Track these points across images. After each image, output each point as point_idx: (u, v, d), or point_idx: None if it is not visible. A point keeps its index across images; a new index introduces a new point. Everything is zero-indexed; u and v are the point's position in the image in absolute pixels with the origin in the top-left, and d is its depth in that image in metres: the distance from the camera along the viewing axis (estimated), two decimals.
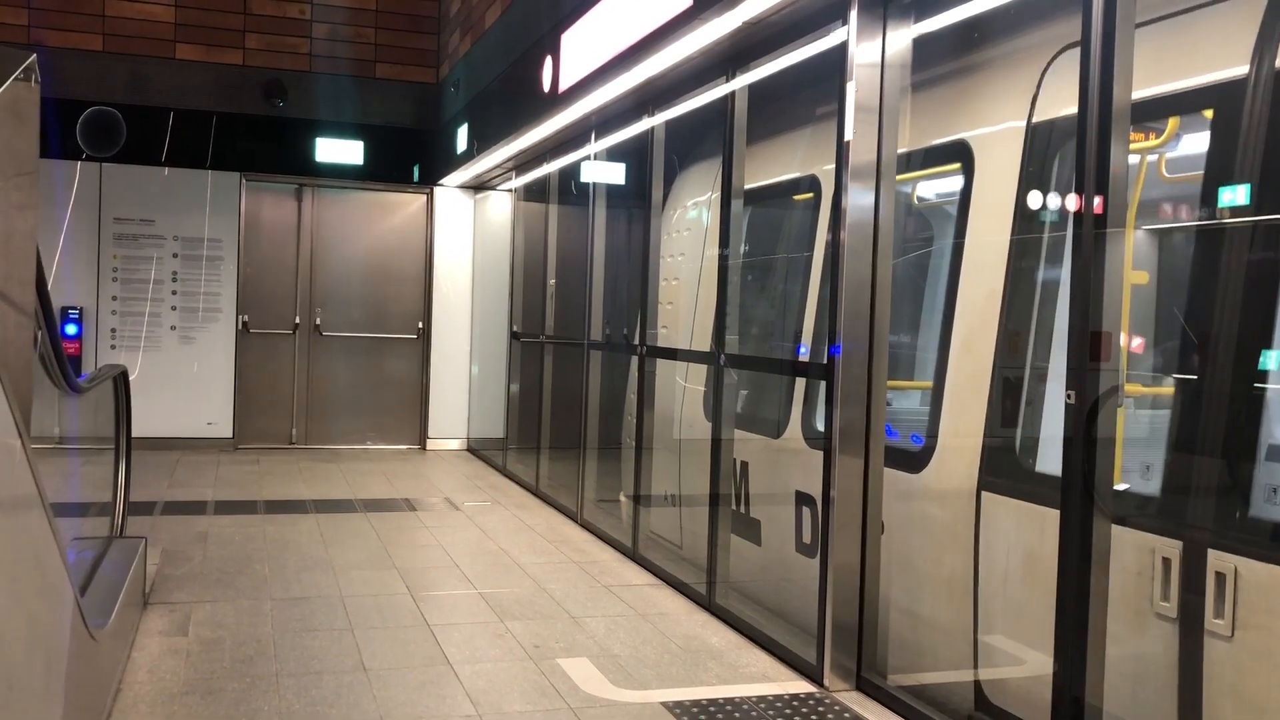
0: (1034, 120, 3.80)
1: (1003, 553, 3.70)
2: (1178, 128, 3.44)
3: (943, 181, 4.64)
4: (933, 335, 4.33)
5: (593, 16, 6.08)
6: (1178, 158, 3.48)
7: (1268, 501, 2.91)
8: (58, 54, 9.70)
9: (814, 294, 5.19)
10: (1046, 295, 3.74)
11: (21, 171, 2.41)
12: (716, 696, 4.01)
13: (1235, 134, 3.05)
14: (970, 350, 3.98)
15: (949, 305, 4.12)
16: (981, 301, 3.95)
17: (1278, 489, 2.91)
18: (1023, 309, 3.81)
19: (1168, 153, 3.50)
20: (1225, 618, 2.85)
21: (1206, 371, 3.11)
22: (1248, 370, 2.94)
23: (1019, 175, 3.83)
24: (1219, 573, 2.87)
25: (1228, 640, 2.85)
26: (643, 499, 6.29)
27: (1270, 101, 2.95)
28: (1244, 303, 2.97)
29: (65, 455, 6.38)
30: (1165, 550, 3.03)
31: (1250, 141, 2.99)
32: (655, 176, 6.26)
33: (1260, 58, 2.97)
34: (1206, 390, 3.10)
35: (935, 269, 4.62)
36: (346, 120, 10.64)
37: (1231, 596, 2.83)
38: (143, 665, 4.16)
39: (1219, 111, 3.17)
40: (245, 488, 8.30)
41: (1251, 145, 2.98)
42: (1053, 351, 3.68)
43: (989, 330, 3.87)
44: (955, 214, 4.22)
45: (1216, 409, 3.06)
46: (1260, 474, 2.93)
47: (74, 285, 9.85)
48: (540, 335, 8.50)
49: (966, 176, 4.15)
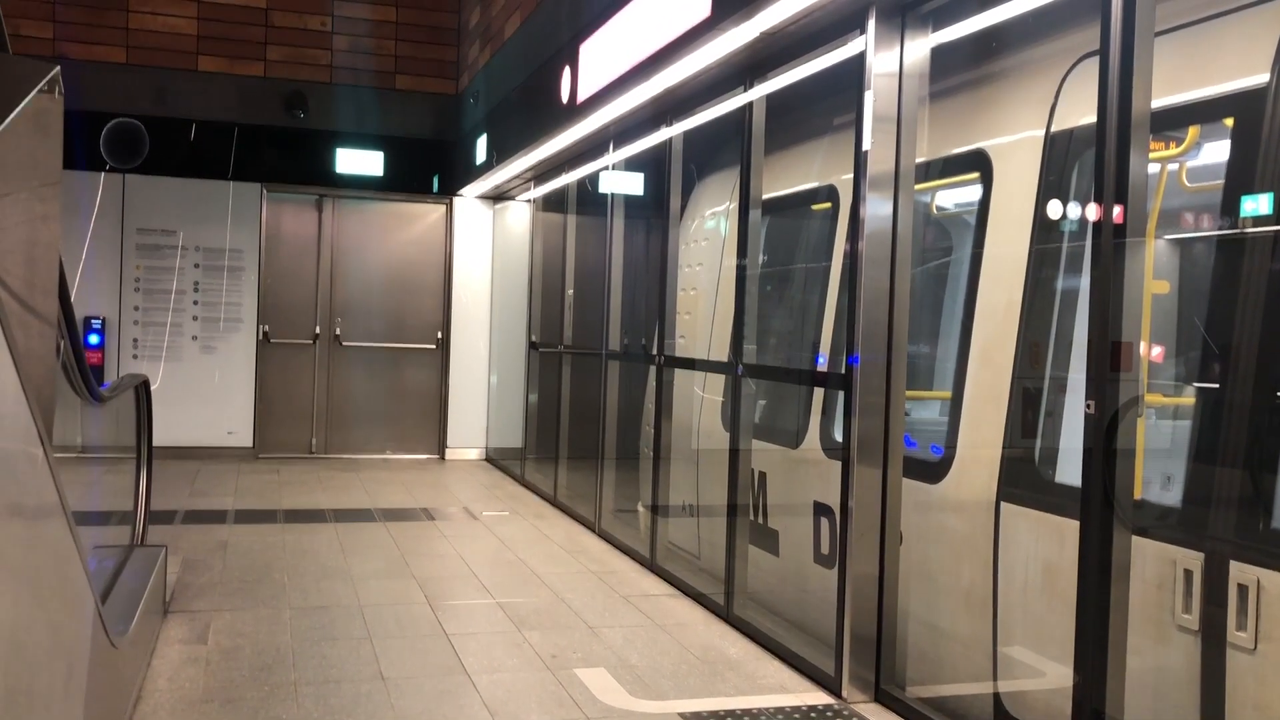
0: (1052, 130, 3.79)
1: (1021, 564, 3.67)
2: (1198, 136, 3.42)
3: (961, 191, 4.62)
4: (951, 345, 4.31)
5: (611, 27, 6.10)
6: (1199, 167, 3.46)
7: None
8: (82, 66, 9.80)
9: (831, 304, 5.18)
10: (1066, 305, 3.72)
11: (45, 183, 2.44)
12: (734, 707, 4.00)
13: (1256, 143, 3.03)
14: (989, 360, 3.96)
15: (968, 315, 4.10)
16: (1000, 311, 3.93)
17: None
18: (1042, 319, 3.79)
19: (1189, 161, 3.48)
20: (1248, 630, 2.82)
21: (1227, 381, 3.08)
22: (1268, 380, 2.92)
23: (1037, 185, 3.81)
24: (1241, 585, 2.84)
25: (1250, 653, 2.83)
26: (661, 509, 6.28)
27: None
28: (1265, 312, 2.95)
29: (87, 464, 6.43)
30: (1187, 562, 3.00)
31: (1272, 150, 2.97)
32: (673, 186, 6.27)
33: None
34: (1227, 400, 3.07)
35: (954, 279, 4.61)
36: (367, 131, 10.71)
37: (1254, 609, 2.81)
38: (163, 673, 4.18)
39: (1239, 120, 3.15)
40: (265, 497, 8.34)
41: (1273, 154, 2.96)
42: (1071, 361, 3.66)
43: (1008, 340, 3.86)
44: (974, 224, 4.21)
45: (1238, 419, 3.03)
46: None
47: (97, 295, 9.93)
48: (559, 345, 8.52)
49: (985, 186, 4.14)
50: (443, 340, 10.90)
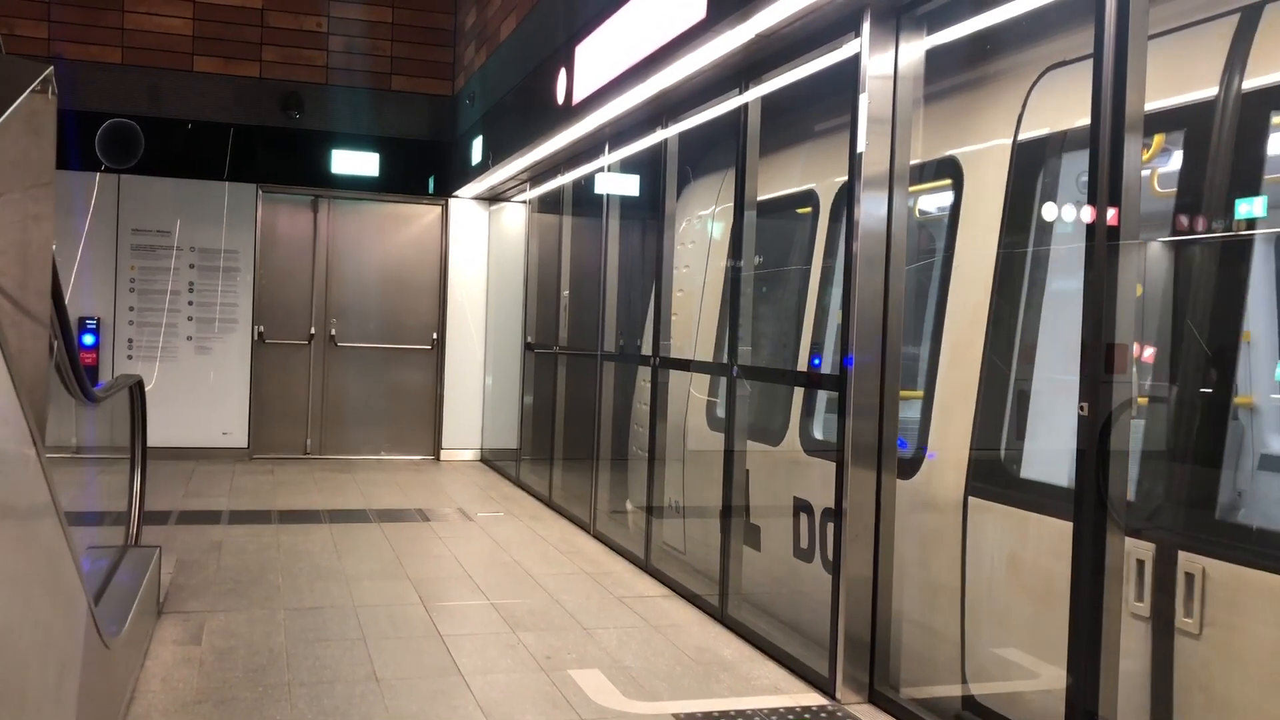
0: (1019, 138, 3.84)
1: (988, 556, 3.73)
2: (1163, 144, 3.46)
3: (939, 195, 4.66)
4: (926, 346, 4.37)
5: (606, 29, 6.10)
6: (1169, 173, 3.49)
7: (1234, 506, 3.01)
8: (77, 67, 9.79)
9: (812, 306, 5.25)
10: (1033, 307, 3.77)
11: (39, 183, 2.43)
12: (728, 708, 4.00)
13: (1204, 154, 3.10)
14: (960, 360, 4.00)
15: (939, 317, 4.16)
16: (970, 313, 3.98)
17: (1242, 493, 3.03)
18: (1009, 321, 3.83)
19: (1159, 168, 3.51)
20: (1194, 616, 2.90)
21: (1178, 381, 3.18)
22: (1217, 381, 3.03)
23: (1005, 190, 3.86)
24: (1188, 574, 2.92)
25: (1196, 638, 2.91)
26: (653, 509, 6.28)
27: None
28: (1212, 315, 3.06)
29: (81, 464, 6.43)
30: (1139, 552, 3.05)
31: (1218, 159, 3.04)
32: (669, 188, 6.27)
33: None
34: (1179, 399, 3.16)
35: (931, 281, 4.67)
36: (362, 132, 10.70)
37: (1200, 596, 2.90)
38: (156, 674, 4.18)
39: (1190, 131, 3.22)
40: (260, 497, 8.33)
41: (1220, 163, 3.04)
42: (1038, 361, 3.73)
43: (977, 341, 3.90)
44: (946, 227, 4.26)
45: (1188, 417, 3.13)
46: (1226, 479, 3.04)
47: (92, 296, 9.92)
48: (554, 346, 8.52)
49: (956, 191, 4.19)
50: (438, 341, 10.89)
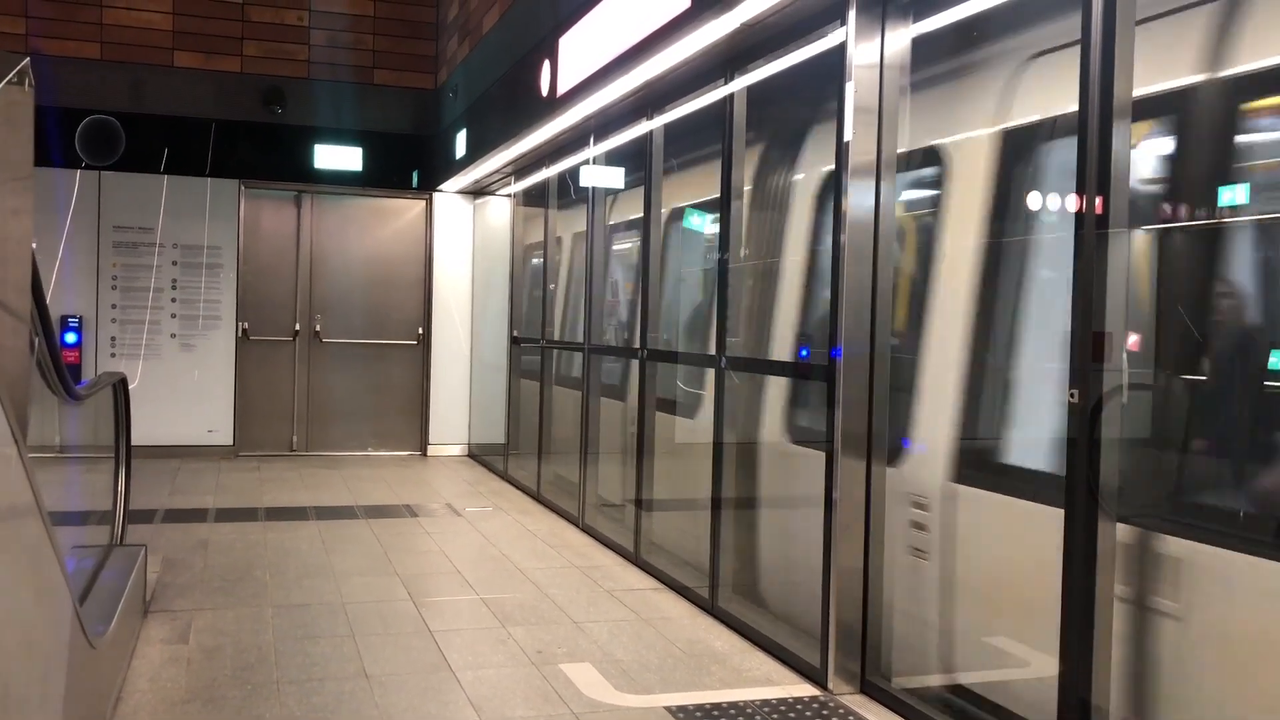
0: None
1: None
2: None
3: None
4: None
5: (590, 20, 6.07)
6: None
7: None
8: (56, 63, 9.70)
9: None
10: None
11: (16, 176, 2.40)
12: (720, 700, 3.99)
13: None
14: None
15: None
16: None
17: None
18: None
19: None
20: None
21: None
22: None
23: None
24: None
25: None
26: (642, 502, 6.27)
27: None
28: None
29: (65, 463, 6.37)
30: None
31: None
32: (654, 180, 6.25)
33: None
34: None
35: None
36: (345, 127, 10.64)
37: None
38: (143, 673, 4.14)
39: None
40: (246, 495, 8.28)
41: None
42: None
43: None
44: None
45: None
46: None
47: (74, 294, 9.84)
48: (541, 340, 8.49)
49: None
50: (424, 336, 10.85)
